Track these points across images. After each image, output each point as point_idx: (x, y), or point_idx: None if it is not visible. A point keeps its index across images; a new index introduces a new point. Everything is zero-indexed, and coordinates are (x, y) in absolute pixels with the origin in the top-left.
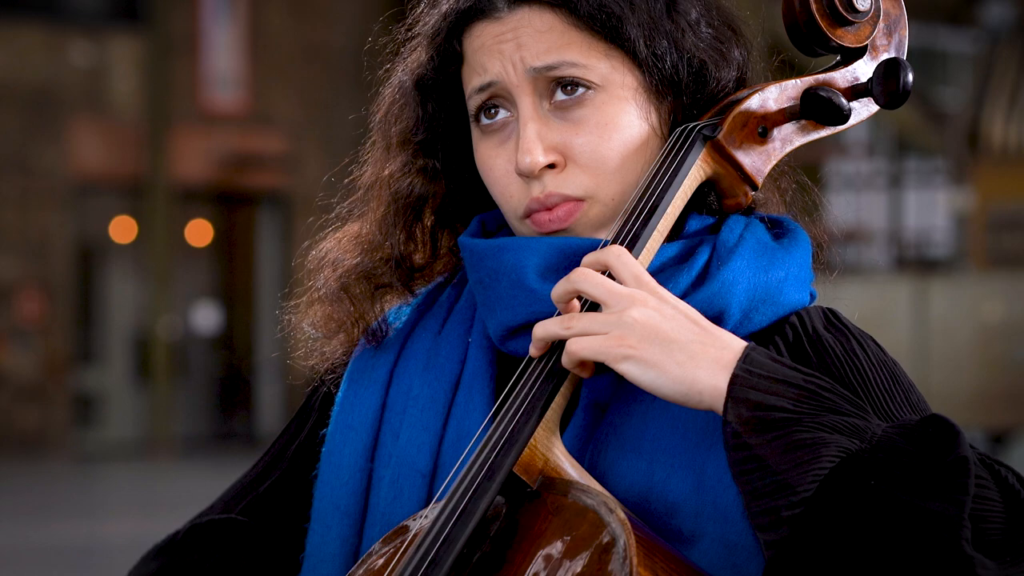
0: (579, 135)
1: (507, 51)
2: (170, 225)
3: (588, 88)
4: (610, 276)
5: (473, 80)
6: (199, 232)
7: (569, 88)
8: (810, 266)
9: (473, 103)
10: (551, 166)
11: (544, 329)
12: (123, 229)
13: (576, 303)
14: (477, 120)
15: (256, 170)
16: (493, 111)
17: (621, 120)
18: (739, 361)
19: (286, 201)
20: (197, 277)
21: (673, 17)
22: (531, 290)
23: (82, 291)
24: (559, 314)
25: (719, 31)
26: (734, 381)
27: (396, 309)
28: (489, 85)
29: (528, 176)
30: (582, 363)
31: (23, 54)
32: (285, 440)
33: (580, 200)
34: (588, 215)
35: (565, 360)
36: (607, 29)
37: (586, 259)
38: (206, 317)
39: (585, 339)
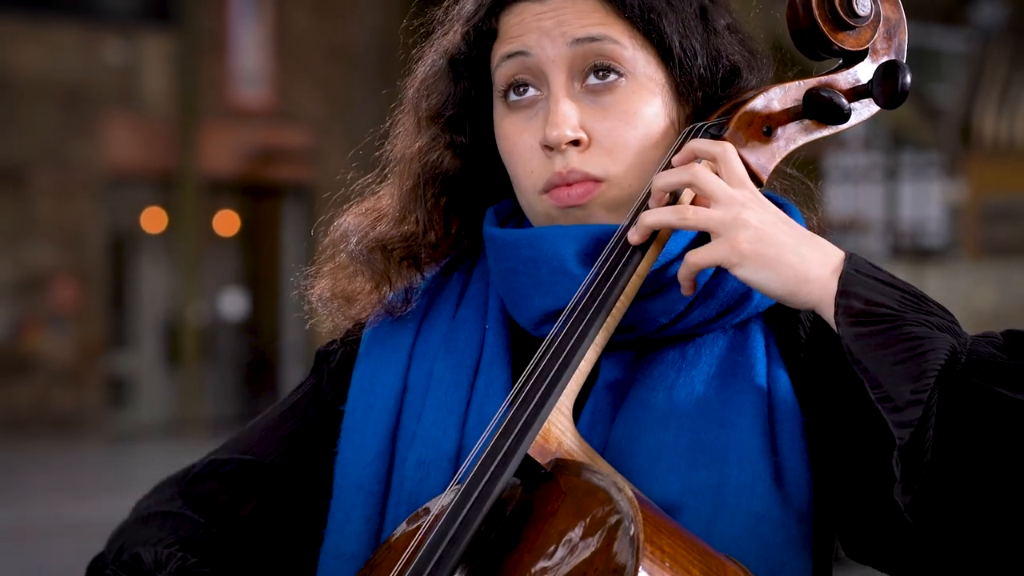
0: (606, 119)
1: (547, 26)
2: (199, 216)
3: (620, 75)
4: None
5: (503, 48)
6: (227, 222)
7: (601, 73)
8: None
9: (501, 74)
10: (576, 143)
11: (657, 216)
12: (154, 220)
13: (669, 196)
14: (504, 97)
15: (281, 163)
16: (523, 89)
17: (646, 111)
18: (845, 263)
19: (310, 193)
20: (225, 265)
21: (706, 24)
22: (573, 276)
23: (115, 279)
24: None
25: (743, 39)
26: (845, 278)
27: (410, 288)
28: (520, 53)
29: (554, 148)
30: (692, 278)
31: (59, 52)
32: (299, 396)
33: (599, 181)
34: (605, 196)
35: (683, 273)
36: (646, 22)
37: (697, 145)
38: (233, 304)
39: (704, 249)
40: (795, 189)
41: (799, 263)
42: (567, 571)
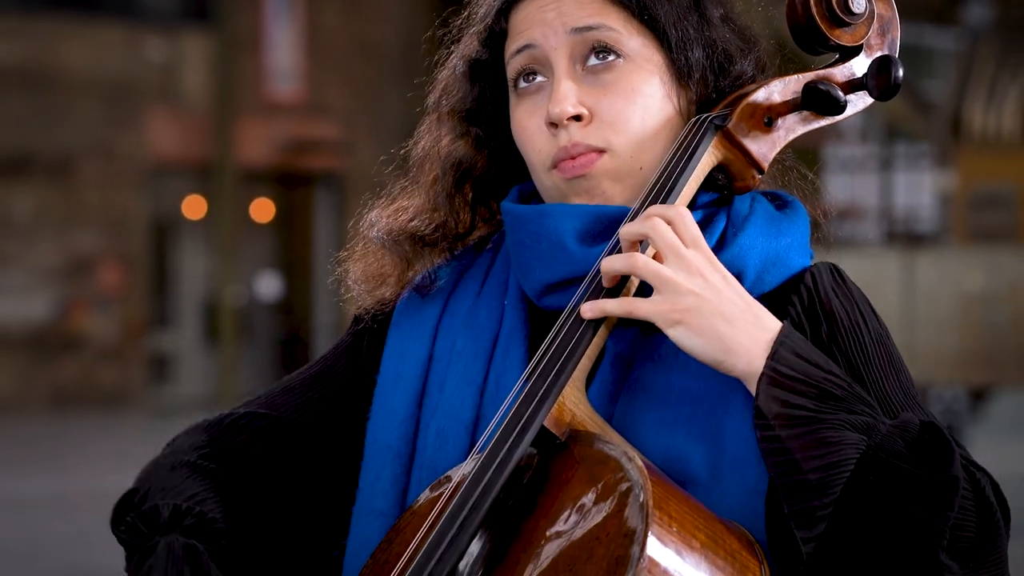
0: (606, 96)
1: (549, 18)
2: (236, 203)
3: (619, 56)
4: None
5: (513, 43)
6: (262, 209)
7: (602, 55)
8: (808, 231)
9: (512, 67)
10: (578, 118)
11: (611, 264)
12: (194, 207)
13: (637, 245)
14: (515, 86)
15: (313, 154)
16: (531, 76)
17: (645, 89)
18: (768, 359)
19: (340, 182)
20: (260, 250)
21: (701, 13)
22: (570, 252)
23: (157, 262)
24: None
25: (739, 32)
26: (763, 379)
27: (436, 268)
28: (528, 47)
29: (557, 124)
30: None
31: (104, 50)
32: (331, 363)
33: (601, 151)
34: (607, 166)
35: (620, 310)
36: (641, 8)
37: (653, 210)
38: (268, 286)
39: (646, 303)
40: (800, 185)
41: (729, 336)
42: (581, 535)
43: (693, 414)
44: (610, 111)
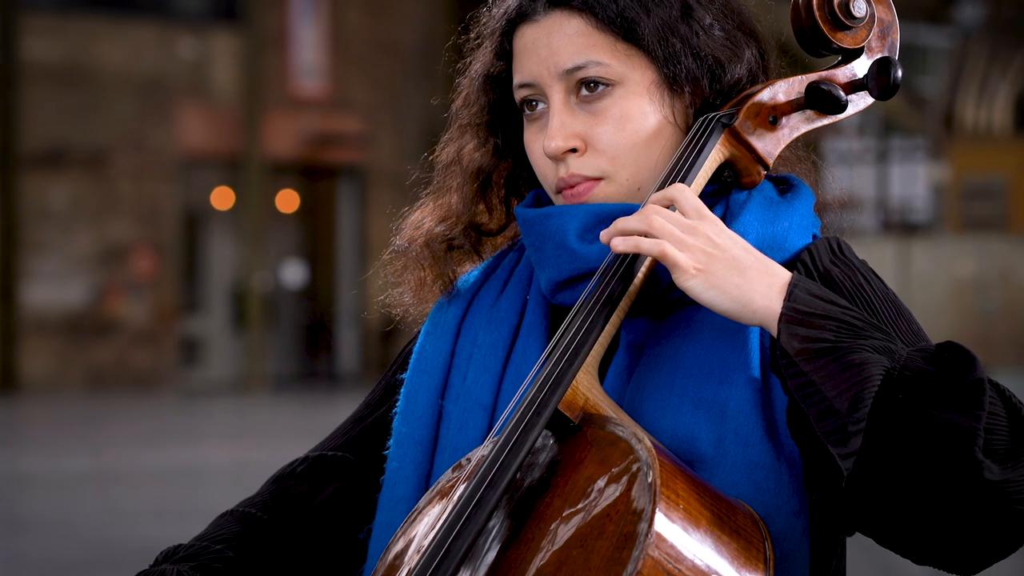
0: (599, 125)
1: (542, 55)
2: (263, 194)
3: (608, 84)
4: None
5: (517, 77)
6: (287, 200)
7: (592, 86)
8: (812, 213)
9: (518, 96)
10: (574, 150)
11: (626, 224)
12: (223, 198)
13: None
14: (523, 110)
15: (336, 147)
16: (534, 104)
17: (635, 113)
18: (784, 300)
19: (362, 174)
20: (286, 239)
21: (688, 22)
22: (572, 250)
23: (188, 251)
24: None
25: (731, 34)
26: (782, 319)
27: (467, 275)
28: (529, 84)
29: (554, 159)
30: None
31: (138, 48)
32: (384, 383)
33: (597, 179)
34: (604, 191)
35: (649, 246)
36: (625, 30)
37: (654, 196)
38: (293, 273)
39: (671, 248)
40: (804, 171)
41: (743, 284)
42: (592, 513)
43: (699, 387)
44: (603, 140)
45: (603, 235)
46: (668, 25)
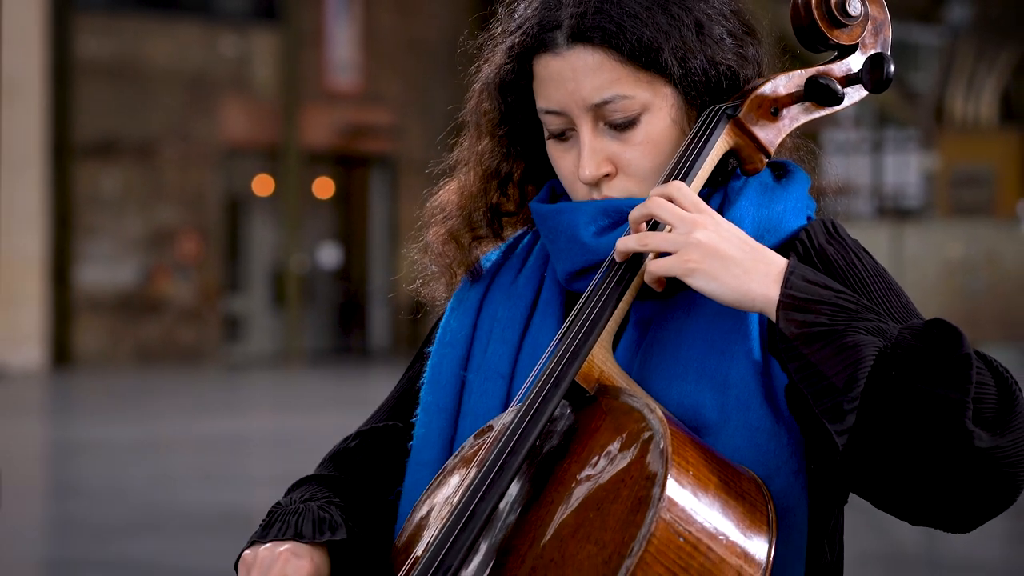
0: (628, 151)
1: (569, 88)
2: (300, 182)
3: (634, 116)
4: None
5: (542, 103)
6: (323, 188)
7: (619, 119)
8: (807, 196)
9: (545, 124)
10: (606, 175)
11: (624, 244)
12: (263, 185)
13: (645, 225)
14: (544, 123)
15: (368, 138)
16: (563, 134)
17: (662, 136)
18: (782, 287)
19: (393, 163)
20: (321, 223)
21: (702, 38)
22: (583, 243)
23: (230, 234)
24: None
25: (739, 39)
26: (780, 306)
27: (488, 254)
28: (557, 112)
29: (588, 185)
30: (659, 279)
31: (183, 46)
32: (420, 357)
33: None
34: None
35: (648, 278)
36: (646, 60)
37: (654, 192)
38: (329, 255)
39: (660, 261)
40: (802, 158)
41: (742, 274)
42: (608, 478)
43: (703, 359)
44: (632, 165)
45: (619, 243)
46: (686, 45)
